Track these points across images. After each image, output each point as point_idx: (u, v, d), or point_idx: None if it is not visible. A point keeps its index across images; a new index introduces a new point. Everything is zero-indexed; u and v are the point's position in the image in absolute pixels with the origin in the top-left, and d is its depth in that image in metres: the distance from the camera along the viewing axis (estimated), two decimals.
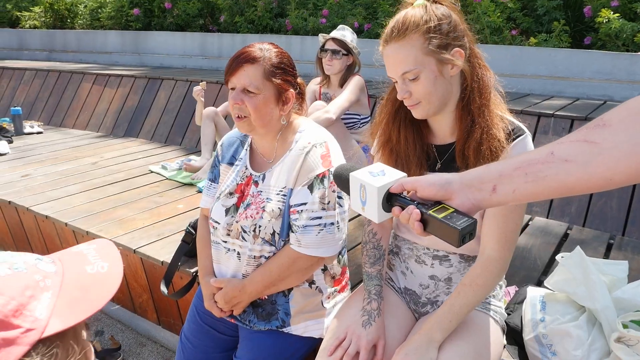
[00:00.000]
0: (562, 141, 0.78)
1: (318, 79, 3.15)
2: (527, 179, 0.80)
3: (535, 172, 0.79)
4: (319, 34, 3.02)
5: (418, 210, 0.88)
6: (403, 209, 0.91)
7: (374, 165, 1.00)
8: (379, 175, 0.95)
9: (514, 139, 1.26)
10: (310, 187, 1.43)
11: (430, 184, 0.89)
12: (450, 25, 1.22)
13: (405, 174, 0.97)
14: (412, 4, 1.25)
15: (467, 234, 0.83)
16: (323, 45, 2.94)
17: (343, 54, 2.88)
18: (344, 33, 2.90)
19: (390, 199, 0.93)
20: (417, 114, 1.28)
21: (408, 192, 0.93)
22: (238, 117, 1.45)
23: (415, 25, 1.20)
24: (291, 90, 1.48)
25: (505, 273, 1.36)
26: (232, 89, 1.45)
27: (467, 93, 1.27)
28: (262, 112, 1.43)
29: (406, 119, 1.36)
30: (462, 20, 1.27)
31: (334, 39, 2.88)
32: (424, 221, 0.88)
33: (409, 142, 1.34)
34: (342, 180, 1.02)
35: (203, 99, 3.45)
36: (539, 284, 1.93)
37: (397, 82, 1.26)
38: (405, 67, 1.21)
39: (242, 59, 1.41)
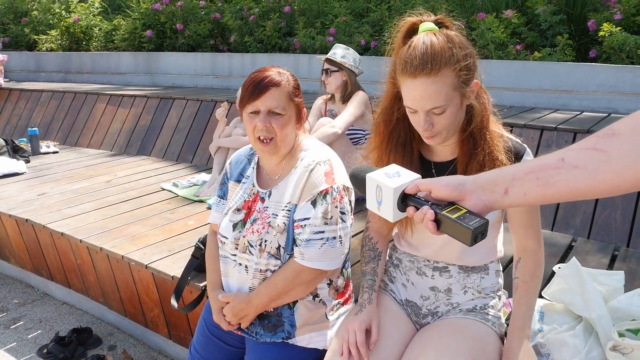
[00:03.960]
0: (573, 148, 0.82)
1: (324, 96, 3.28)
2: (539, 182, 0.84)
3: (547, 177, 0.83)
4: (318, 57, 3.20)
5: (432, 211, 0.92)
6: (417, 209, 0.95)
7: (389, 167, 1.04)
8: (394, 177, 0.99)
9: (515, 158, 1.31)
10: (314, 203, 1.49)
11: (444, 184, 0.93)
12: (471, 58, 1.24)
13: (419, 175, 1.01)
14: (420, 22, 1.27)
15: (479, 234, 0.87)
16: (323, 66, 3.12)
17: (332, 71, 3.04)
18: (335, 52, 3.09)
19: (405, 199, 0.98)
20: (433, 142, 1.31)
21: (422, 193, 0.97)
22: (264, 140, 1.50)
23: (447, 62, 1.19)
24: (304, 108, 1.59)
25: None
26: (255, 112, 1.50)
27: (469, 115, 1.31)
28: (287, 132, 1.51)
29: (397, 143, 1.39)
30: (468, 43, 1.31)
31: (326, 59, 3.04)
32: (438, 221, 0.92)
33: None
34: (358, 181, 1.07)
35: (226, 119, 3.54)
36: (541, 295, 1.95)
37: (415, 111, 1.25)
38: (436, 103, 1.21)
39: (267, 83, 1.48)
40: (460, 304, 1.46)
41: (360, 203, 3.04)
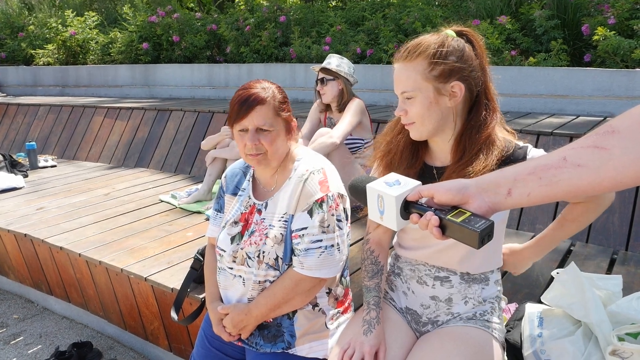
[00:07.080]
0: (573, 147, 0.83)
1: (318, 101, 3.28)
2: (542, 182, 0.85)
3: (549, 176, 0.84)
4: (312, 67, 3.19)
5: (436, 216, 0.92)
6: (421, 215, 0.94)
7: (388, 176, 1.03)
8: (395, 185, 0.99)
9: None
10: (310, 212, 1.50)
11: (447, 189, 0.93)
12: (459, 59, 1.28)
13: (420, 182, 1.00)
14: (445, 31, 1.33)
15: (486, 236, 0.87)
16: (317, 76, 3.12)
17: (329, 80, 3.04)
18: (330, 61, 3.10)
19: (408, 207, 0.97)
20: (411, 133, 1.36)
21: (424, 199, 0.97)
22: (253, 155, 1.52)
23: (425, 50, 1.27)
24: (294, 119, 1.59)
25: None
26: (243, 130, 1.52)
27: (466, 128, 1.33)
28: (277, 146, 1.53)
29: (403, 147, 1.44)
30: (483, 59, 1.34)
31: (322, 69, 3.04)
32: (443, 226, 0.91)
33: (404, 161, 1.42)
34: (358, 192, 1.06)
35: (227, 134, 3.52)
36: (540, 301, 1.95)
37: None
38: (404, 88, 1.30)
39: (252, 102, 1.49)
40: (461, 314, 1.45)
41: (355, 211, 3.03)
